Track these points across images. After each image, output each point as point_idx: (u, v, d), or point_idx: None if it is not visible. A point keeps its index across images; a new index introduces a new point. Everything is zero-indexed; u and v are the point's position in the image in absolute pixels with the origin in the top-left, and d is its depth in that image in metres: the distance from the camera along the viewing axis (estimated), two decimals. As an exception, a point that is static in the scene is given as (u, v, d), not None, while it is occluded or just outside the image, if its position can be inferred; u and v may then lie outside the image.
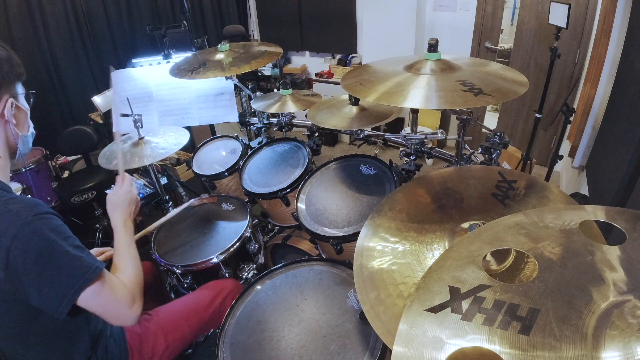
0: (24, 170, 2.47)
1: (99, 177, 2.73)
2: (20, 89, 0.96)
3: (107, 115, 2.89)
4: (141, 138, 1.67)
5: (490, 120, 4.21)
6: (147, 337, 1.19)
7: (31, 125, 1.02)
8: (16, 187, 2.33)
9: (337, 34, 4.22)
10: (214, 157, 2.06)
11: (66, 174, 3.06)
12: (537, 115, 2.54)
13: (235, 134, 2.12)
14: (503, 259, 0.79)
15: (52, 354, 0.96)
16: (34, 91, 1.01)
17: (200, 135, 2.69)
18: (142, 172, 2.59)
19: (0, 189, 0.88)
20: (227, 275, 1.49)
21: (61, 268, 0.84)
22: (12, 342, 0.93)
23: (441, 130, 1.44)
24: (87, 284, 0.86)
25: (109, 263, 1.22)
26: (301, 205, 1.50)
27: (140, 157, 1.58)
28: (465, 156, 1.42)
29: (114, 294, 0.92)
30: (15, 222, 0.80)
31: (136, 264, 1.06)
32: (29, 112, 1.00)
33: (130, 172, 2.61)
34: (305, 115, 1.67)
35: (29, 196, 2.22)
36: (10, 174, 0.99)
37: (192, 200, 1.76)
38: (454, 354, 0.50)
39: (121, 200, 1.17)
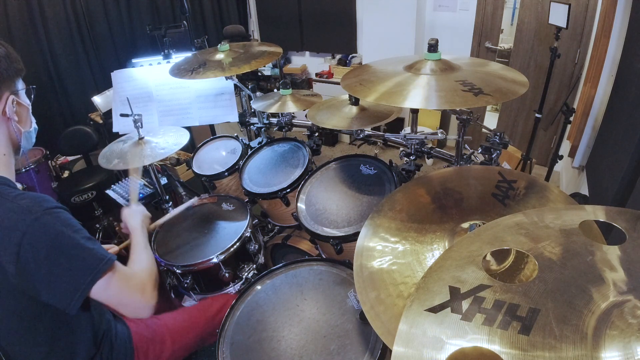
0: (24, 170, 2.47)
1: (99, 177, 2.73)
2: (20, 84, 0.96)
3: (107, 115, 2.89)
4: (141, 138, 1.67)
5: (490, 120, 4.21)
6: (155, 340, 1.19)
7: (33, 120, 1.02)
8: (16, 187, 2.33)
9: (337, 34, 4.22)
10: (214, 157, 2.06)
11: (66, 174, 3.07)
12: (537, 115, 2.55)
13: (235, 134, 2.12)
14: (503, 259, 0.79)
15: (54, 352, 0.96)
16: (34, 86, 1.01)
17: (200, 135, 2.69)
18: (142, 172, 2.58)
19: (8, 186, 0.88)
20: (227, 275, 1.49)
21: (73, 260, 0.84)
22: (16, 341, 0.93)
23: (441, 130, 1.44)
24: (100, 275, 0.87)
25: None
26: (301, 205, 1.50)
27: (140, 157, 1.57)
28: (465, 156, 1.42)
29: (126, 283, 0.93)
30: (25, 217, 0.81)
31: (151, 261, 1.09)
32: (30, 107, 1.01)
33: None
34: (305, 115, 1.67)
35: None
36: None
37: (192, 200, 1.75)
38: (454, 354, 0.50)
39: (137, 211, 1.28)
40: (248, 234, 1.55)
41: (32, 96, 1.01)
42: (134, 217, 1.25)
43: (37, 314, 0.89)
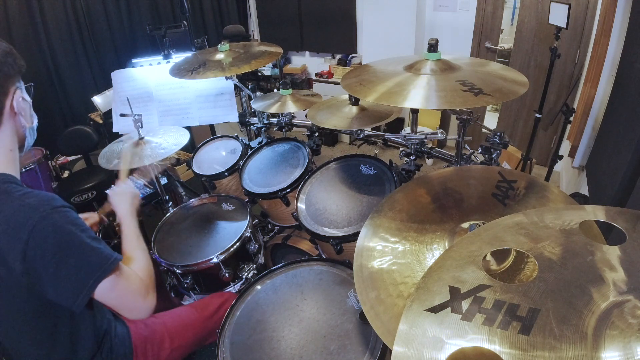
0: (24, 170, 2.47)
1: (99, 177, 2.73)
2: (20, 82, 0.96)
3: (107, 115, 2.89)
4: (141, 138, 1.67)
5: (490, 120, 4.21)
6: (153, 339, 1.19)
7: (35, 116, 1.02)
8: (16, 187, 2.32)
9: (337, 34, 4.22)
10: (214, 157, 2.06)
11: (66, 174, 3.07)
12: (537, 115, 2.54)
13: (235, 134, 2.12)
14: (503, 259, 0.79)
15: (55, 351, 0.96)
16: (32, 84, 1.01)
17: (200, 135, 2.69)
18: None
19: (15, 184, 0.88)
20: (227, 275, 1.49)
21: (80, 259, 0.84)
22: (17, 339, 0.93)
23: (441, 130, 1.44)
24: (105, 275, 0.87)
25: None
26: (301, 205, 1.50)
27: (140, 157, 1.57)
28: (465, 156, 1.42)
29: (130, 285, 0.93)
30: (33, 215, 0.80)
31: (146, 256, 1.08)
32: (31, 103, 1.00)
33: (131, 172, 2.61)
34: (305, 115, 1.67)
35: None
36: None
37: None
38: (454, 354, 0.50)
39: (126, 192, 1.23)
40: (248, 234, 1.55)
41: (32, 93, 1.01)
42: (123, 200, 1.20)
43: (39, 313, 0.89)
